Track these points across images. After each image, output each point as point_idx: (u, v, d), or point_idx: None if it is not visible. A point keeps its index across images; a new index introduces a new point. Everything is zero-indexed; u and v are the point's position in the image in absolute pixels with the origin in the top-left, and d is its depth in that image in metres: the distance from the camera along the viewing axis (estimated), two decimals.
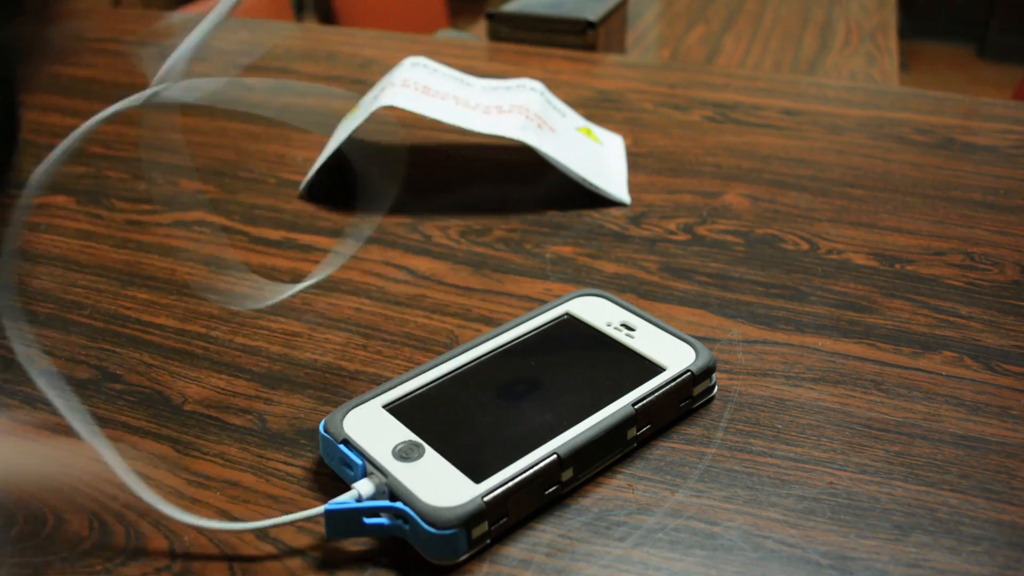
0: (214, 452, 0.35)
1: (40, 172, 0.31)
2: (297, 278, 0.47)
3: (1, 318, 0.41)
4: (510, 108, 0.56)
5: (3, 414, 0.37)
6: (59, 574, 0.29)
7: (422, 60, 0.60)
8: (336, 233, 0.51)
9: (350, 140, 0.63)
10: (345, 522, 0.30)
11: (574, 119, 0.62)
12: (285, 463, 0.34)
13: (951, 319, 0.43)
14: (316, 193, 0.56)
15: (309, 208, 0.54)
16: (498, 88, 0.59)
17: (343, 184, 0.58)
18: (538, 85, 0.60)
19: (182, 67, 0.30)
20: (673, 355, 0.37)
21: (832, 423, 0.36)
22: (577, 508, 0.32)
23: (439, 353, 0.41)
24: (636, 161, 0.61)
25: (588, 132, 0.61)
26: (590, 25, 0.92)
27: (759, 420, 0.37)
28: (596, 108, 0.70)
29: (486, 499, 0.29)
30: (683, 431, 0.36)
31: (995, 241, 0.51)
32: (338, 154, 0.61)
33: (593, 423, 0.33)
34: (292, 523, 0.31)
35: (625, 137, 0.65)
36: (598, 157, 0.58)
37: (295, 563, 0.30)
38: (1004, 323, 0.43)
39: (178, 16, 0.99)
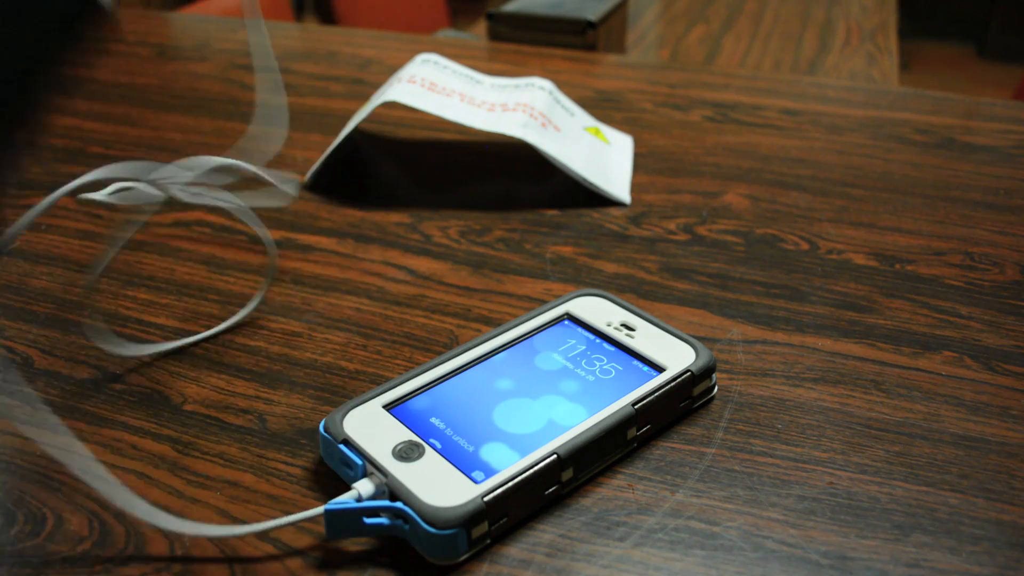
0: (214, 452, 0.35)
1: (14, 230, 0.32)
2: (296, 278, 0.47)
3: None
4: (515, 106, 0.56)
5: (3, 414, 0.37)
6: (59, 574, 0.29)
7: (433, 57, 0.60)
8: (336, 233, 0.51)
9: (353, 138, 0.63)
10: (345, 522, 0.30)
11: (583, 118, 0.62)
12: (285, 463, 0.34)
13: (951, 319, 0.43)
14: (317, 191, 0.56)
15: (309, 208, 0.54)
16: (507, 86, 0.59)
17: (344, 183, 0.58)
18: (547, 84, 0.60)
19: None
20: (673, 355, 0.37)
21: (832, 423, 0.36)
22: (577, 508, 0.32)
23: (439, 353, 0.41)
24: (636, 161, 0.61)
25: (596, 132, 0.61)
26: (590, 25, 0.92)
27: (759, 420, 0.37)
28: (596, 108, 0.70)
29: (486, 499, 0.29)
30: (683, 431, 0.36)
31: (995, 241, 0.51)
32: (340, 152, 0.61)
33: (593, 423, 0.33)
34: (292, 524, 0.31)
35: None
36: (602, 157, 0.58)
37: (295, 563, 0.30)
38: (1004, 323, 0.43)
39: (178, 17, 0.99)
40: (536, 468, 0.31)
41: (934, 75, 3.13)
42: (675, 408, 0.36)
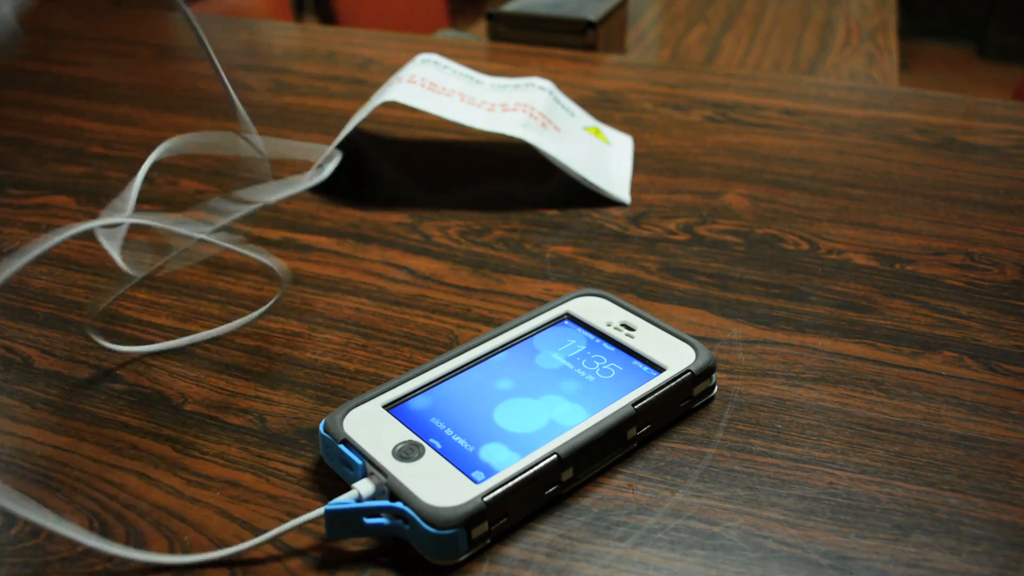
0: (214, 452, 0.35)
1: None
2: (296, 278, 0.47)
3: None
4: (515, 106, 0.56)
5: (3, 414, 0.37)
6: (59, 574, 0.29)
7: (433, 57, 0.60)
8: (336, 233, 0.51)
9: (353, 138, 0.63)
10: (345, 522, 0.30)
11: (583, 118, 0.62)
12: (285, 463, 0.34)
13: (951, 319, 0.43)
14: (317, 191, 0.56)
15: (309, 208, 0.54)
16: (507, 87, 0.59)
17: (344, 183, 0.58)
18: (547, 84, 0.60)
19: None
20: (673, 355, 0.37)
21: (832, 423, 0.36)
22: (577, 508, 0.32)
23: (439, 353, 0.41)
24: (636, 161, 0.61)
25: (596, 132, 0.61)
26: (590, 25, 0.92)
27: (759, 420, 0.37)
28: (596, 108, 0.70)
29: (486, 499, 0.29)
30: (683, 431, 0.36)
31: (995, 241, 0.51)
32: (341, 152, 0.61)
33: (593, 423, 0.33)
34: (293, 528, 0.31)
35: None
36: (602, 157, 0.58)
37: (295, 563, 0.30)
38: (1004, 323, 0.43)
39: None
40: (536, 468, 0.31)
41: (934, 75, 3.13)
42: (675, 408, 0.36)
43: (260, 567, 0.30)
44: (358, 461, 0.31)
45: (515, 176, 0.59)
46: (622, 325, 0.39)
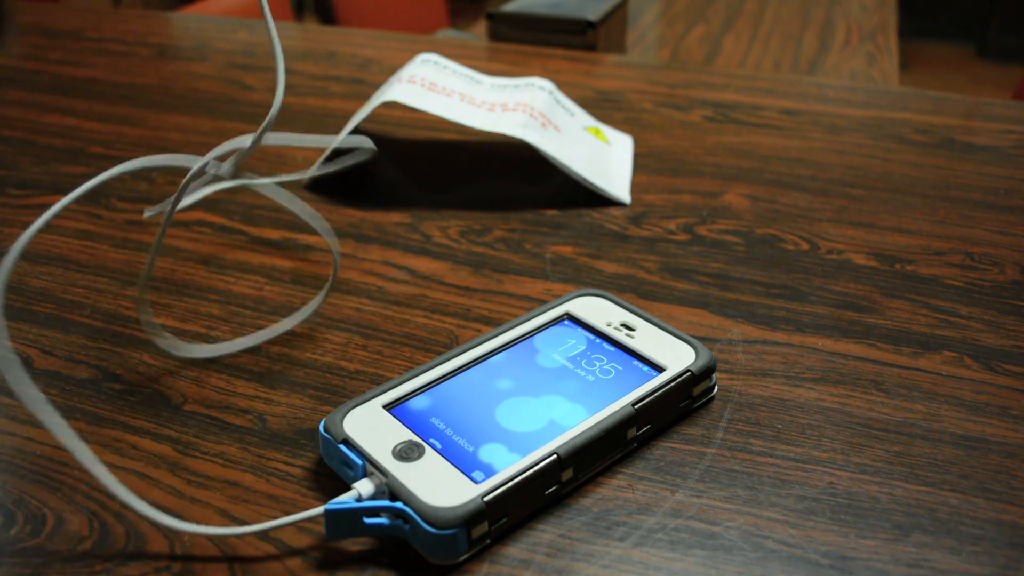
0: (214, 452, 0.35)
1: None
2: (297, 278, 0.47)
3: None
4: (515, 106, 0.56)
5: (3, 414, 0.37)
6: (59, 574, 0.29)
7: (433, 57, 0.60)
8: (336, 233, 0.51)
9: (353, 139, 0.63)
10: (345, 522, 0.30)
11: (583, 118, 0.62)
12: (285, 463, 0.34)
13: (951, 319, 0.43)
14: (317, 191, 0.56)
15: (309, 208, 0.54)
16: (507, 86, 0.59)
17: (344, 183, 0.58)
18: (547, 84, 0.60)
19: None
20: (673, 355, 0.37)
21: (832, 423, 0.36)
22: (577, 508, 0.32)
23: (439, 353, 0.41)
24: (636, 161, 0.61)
25: (596, 132, 0.61)
26: (590, 25, 0.92)
27: (759, 420, 0.37)
28: (596, 108, 0.70)
29: (486, 499, 0.29)
30: (683, 431, 0.36)
31: (995, 241, 0.51)
32: (340, 152, 0.61)
33: (593, 423, 0.33)
34: (292, 524, 0.31)
35: None
36: (602, 156, 0.58)
37: (295, 563, 0.30)
38: (1004, 323, 0.43)
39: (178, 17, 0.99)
40: (536, 468, 0.31)
41: (934, 75, 3.13)
42: (675, 408, 0.36)
43: (260, 567, 0.30)
44: (358, 461, 0.31)
45: (515, 176, 0.59)
46: (622, 325, 0.39)
